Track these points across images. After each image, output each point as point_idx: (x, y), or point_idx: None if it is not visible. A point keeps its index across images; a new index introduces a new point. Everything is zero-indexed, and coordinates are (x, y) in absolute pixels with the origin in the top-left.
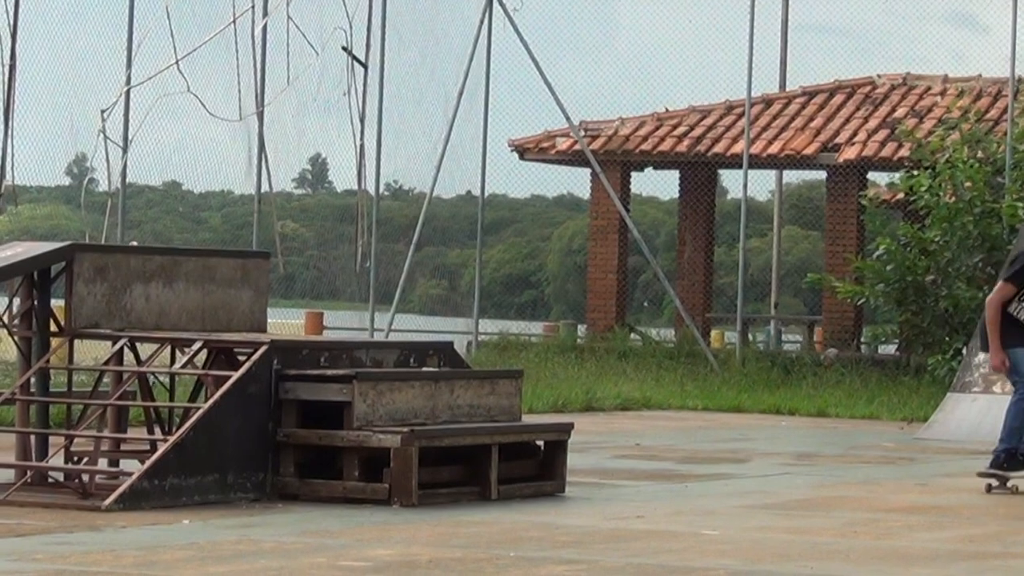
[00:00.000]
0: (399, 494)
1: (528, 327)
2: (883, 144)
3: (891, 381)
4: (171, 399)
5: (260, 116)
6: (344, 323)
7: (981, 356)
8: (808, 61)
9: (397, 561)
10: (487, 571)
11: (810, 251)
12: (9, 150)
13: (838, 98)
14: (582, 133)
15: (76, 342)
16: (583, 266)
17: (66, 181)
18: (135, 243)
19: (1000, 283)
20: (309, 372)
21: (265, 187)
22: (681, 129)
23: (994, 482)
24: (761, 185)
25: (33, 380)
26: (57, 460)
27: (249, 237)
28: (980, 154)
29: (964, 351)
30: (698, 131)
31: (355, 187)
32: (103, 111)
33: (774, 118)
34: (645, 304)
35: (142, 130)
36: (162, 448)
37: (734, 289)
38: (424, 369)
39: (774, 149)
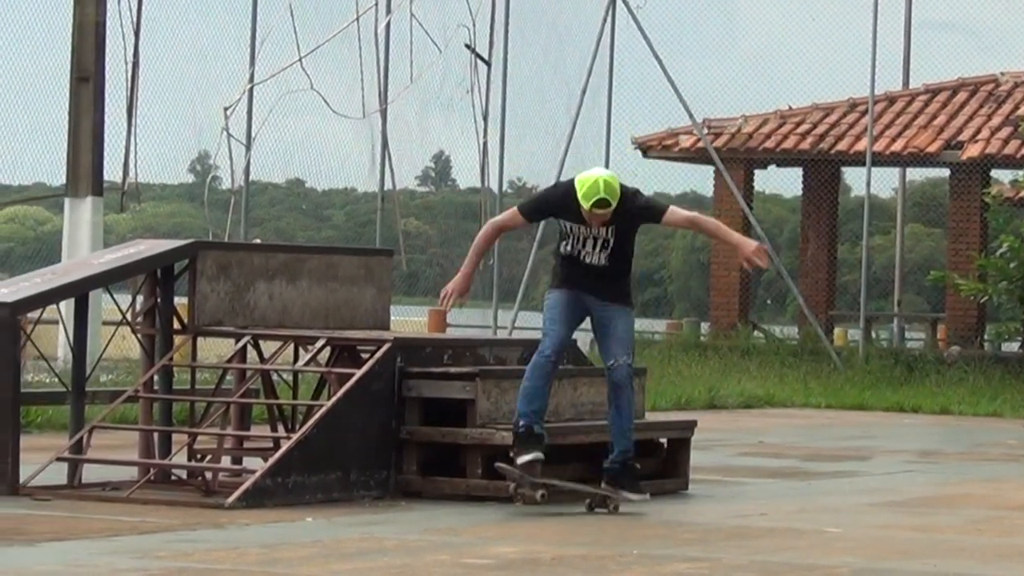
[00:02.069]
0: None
1: (651, 325)
2: (1006, 142)
3: (1014, 379)
4: (294, 397)
5: (383, 113)
6: (467, 321)
7: None
8: (931, 58)
9: (520, 559)
10: (610, 569)
11: (933, 249)
12: (132, 148)
13: (961, 95)
14: (705, 131)
15: (199, 340)
16: (706, 264)
17: (189, 178)
18: (258, 241)
19: (513, 209)
20: (432, 370)
21: (388, 185)
22: (804, 127)
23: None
24: (884, 183)
25: (156, 378)
26: (180, 458)
27: (372, 235)
28: None
29: None
30: (821, 129)
31: (478, 185)
32: (226, 108)
33: (897, 116)
34: (768, 302)
35: (265, 127)
36: (285, 446)
37: (857, 287)
38: None
39: (897, 147)
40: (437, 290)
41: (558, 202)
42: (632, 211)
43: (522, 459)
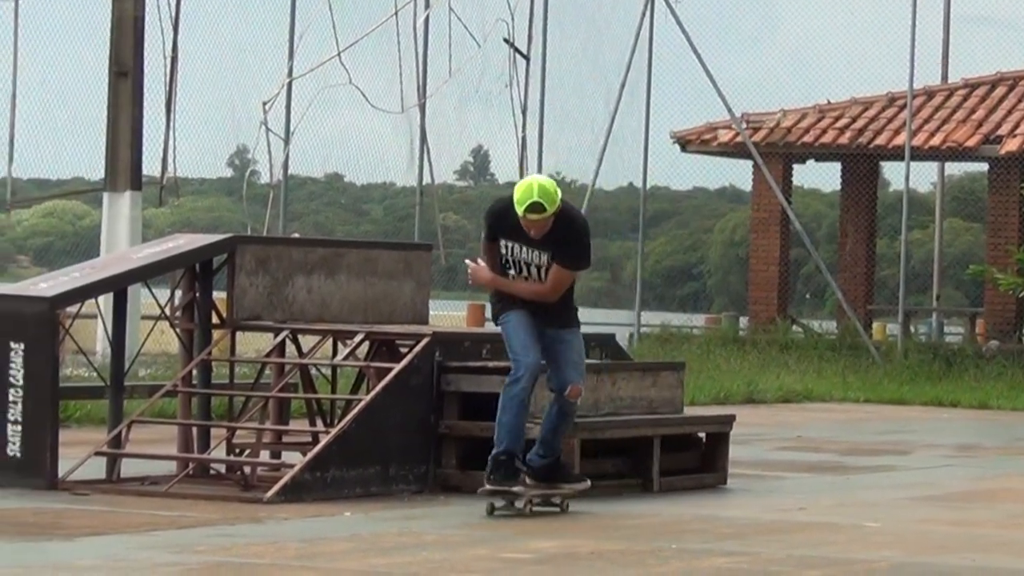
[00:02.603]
0: None
1: (690, 319)
2: None
3: None
4: (333, 391)
5: (422, 108)
6: None
7: None
8: (970, 53)
9: (559, 553)
10: (649, 563)
11: (972, 243)
12: (171, 142)
13: (1000, 90)
14: (744, 125)
15: (238, 334)
16: (745, 258)
17: (228, 173)
18: (297, 235)
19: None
20: (471, 364)
21: (427, 179)
22: (843, 121)
23: (498, 501)
24: (923, 177)
25: (195, 372)
26: (219, 452)
27: (411, 229)
28: None
29: None
30: (860, 123)
31: (517, 179)
32: (265, 103)
33: (936, 110)
34: (807, 296)
35: (304, 122)
36: (324, 440)
37: (896, 281)
38: (586, 361)
39: (936, 141)
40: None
41: (501, 215)
42: (569, 238)
43: (497, 488)
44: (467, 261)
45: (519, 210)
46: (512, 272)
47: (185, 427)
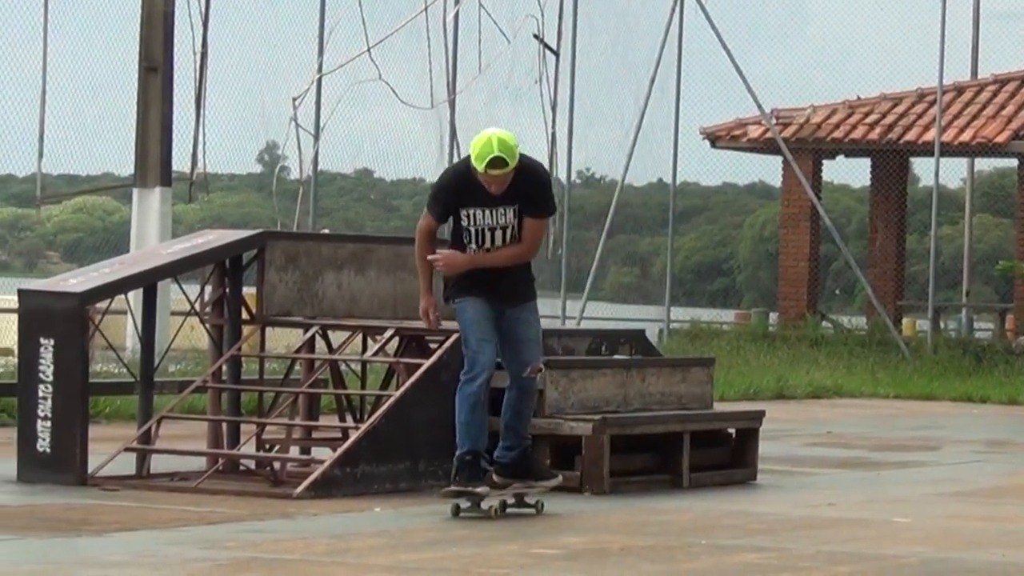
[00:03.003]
0: (591, 482)
1: (720, 315)
2: None
3: None
4: (362, 387)
5: (452, 104)
6: None
7: None
8: (1000, 48)
9: (589, 549)
10: (679, 559)
11: (1002, 239)
12: (201, 138)
13: None
14: (773, 121)
15: (267, 330)
16: (775, 254)
17: (258, 169)
18: (326, 231)
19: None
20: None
21: None
22: (873, 117)
23: (463, 502)
24: (953, 173)
25: (225, 368)
26: (248, 448)
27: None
28: None
29: None
30: (890, 119)
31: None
32: (295, 99)
33: (966, 106)
34: (837, 292)
35: (333, 118)
36: (354, 436)
37: (925, 277)
38: (615, 357)
39: (965, 137)
40: None
41: (456, 182)
42: (533, 191)
43: (461, 489)
44: (430, 257)
45: (479, 166)
46: (472, 246)
47: (215, 423)
